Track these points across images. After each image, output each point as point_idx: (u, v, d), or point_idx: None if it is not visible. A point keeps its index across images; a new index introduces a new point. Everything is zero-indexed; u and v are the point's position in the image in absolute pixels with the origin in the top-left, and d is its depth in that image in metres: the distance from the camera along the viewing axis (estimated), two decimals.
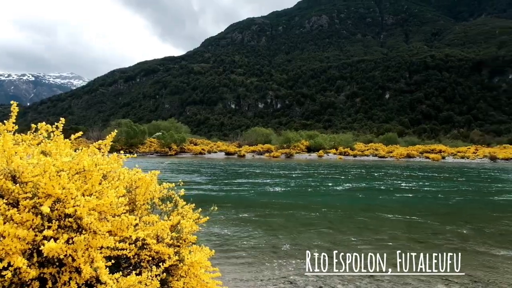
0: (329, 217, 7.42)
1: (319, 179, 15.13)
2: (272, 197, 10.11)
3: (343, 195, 10.89)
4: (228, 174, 17.43)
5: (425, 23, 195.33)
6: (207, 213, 2.76)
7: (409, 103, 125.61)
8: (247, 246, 5.16)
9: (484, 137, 73.71)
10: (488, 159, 42.99)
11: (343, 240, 5.65)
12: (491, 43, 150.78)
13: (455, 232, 6.36)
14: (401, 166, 28.28)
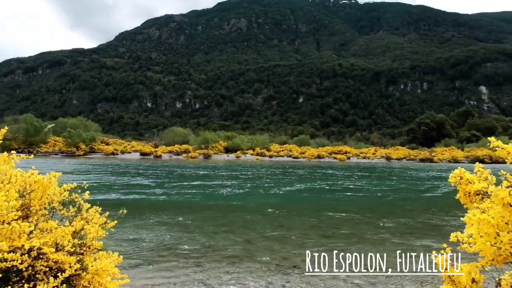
0: (244, 218, 7.49)
1: (238, 179, 15.74)
2: (188, 198, 10.24)
3: (257, 195, 11.41)
4: (142, 176, 16.90)
5: (334, 34, 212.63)
6: (116, 217, 2.57)
7: (320, 107, 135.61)
8: (161, 249, 5.04)
9: (382, 139, 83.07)
10: (384, 159, 48.65)
11: (257, 238, 5.84)
12: (386, 56, 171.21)
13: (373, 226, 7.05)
14: (313, 166, 30.37)
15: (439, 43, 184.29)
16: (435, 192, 13.03)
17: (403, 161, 47.90)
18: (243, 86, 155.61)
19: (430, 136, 66.05)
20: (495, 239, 1.37)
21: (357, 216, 8.01)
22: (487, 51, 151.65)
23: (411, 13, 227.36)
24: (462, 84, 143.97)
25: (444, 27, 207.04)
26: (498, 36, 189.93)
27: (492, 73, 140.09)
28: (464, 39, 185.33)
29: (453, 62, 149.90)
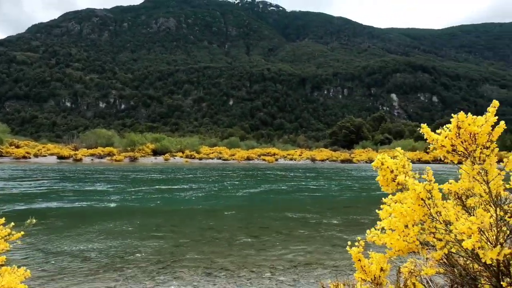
0: (173, 222, 7.31)
1: (168, 183, 15.55)
2: (111, 203, 9.80)
3: (186, 199, 11.34)
4: (60, 181, 15.66)
5: (263, 39, 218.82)
6: (23, 227, 2.29)
7: (250, 110, 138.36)
8: (81, 259, 4.66)
9: (307, 142, 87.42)
10: (310, 160, 51.34)
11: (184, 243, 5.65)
12: (312, 63, 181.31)
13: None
14: (243, 168, 30.89)
15: (358, 53, 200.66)
16: (357, 190, 14.22)
17: (326, 162, 51.07)
18: (172, 87, 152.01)
19: (350, 139, 71.33)
20: (403, 232, 1.54)
21: (286, 214, 8.07)
22: (397, 62, 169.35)
23: (333, 24, 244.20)
24: (377, 92, 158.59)
25: (361, 39, 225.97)
26: (405, 50, 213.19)
27: (401, 82, 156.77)
28: (378, 51, 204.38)
29: (369, 71, 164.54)
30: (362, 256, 1.70)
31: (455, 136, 1.57)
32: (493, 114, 1.54)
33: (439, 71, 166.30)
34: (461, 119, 1.55)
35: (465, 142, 1.56)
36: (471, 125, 1.53)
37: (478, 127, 1.53)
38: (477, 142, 1.54)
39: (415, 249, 1.58)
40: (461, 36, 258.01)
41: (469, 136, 1.55)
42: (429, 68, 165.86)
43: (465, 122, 1.55)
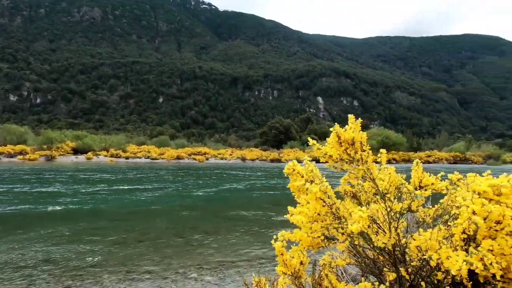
0: (95, 226, 6.83)
1: (89, 183, 14.83)
2: (20, 207, 9.14)
3: (109, 200, 10.87)
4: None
5: (195, 37, 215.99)
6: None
7: (180, 108, 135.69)
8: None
9: (238, 141, 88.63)
10: (240, 160, 52.26)
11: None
12: (243, 63, 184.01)
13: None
14: (172, 167, 30.40)
15: (287, 56, 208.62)
16: (286, 188, 14.90)
17: (256, 161, 52.52)
18: (97, 81, 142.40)
19: (279, 139, 74.05)
20: (310, 229, 1.65)
21: (216, 214, 8.11)
22: (323, 67, 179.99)
23: (265, 26, 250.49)
24: (305, 94, 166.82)
25: (291, 42, 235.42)
26: (330, 56, 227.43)
27: (326, 86, 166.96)
28: (306, 55, 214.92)
29: (298, 74, 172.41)
30: (285, 250, 1.79)
31: (338, 145, 1.75)
32: (353, 122, 1.75)
33: (360, 77, 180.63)
34: (338, 130, 1.75)
35: (347, 149, 1.74)
36: (348, 133, 1.73)
37: (353, 134, 1.73)
38: (355, 147, 1.74)
39: (322, 244, 1.71)
40: (378, 47, 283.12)
41: (348, 143, 1.73)
42: (351, 74, 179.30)
43: (344, 132, 1.73)
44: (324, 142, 1.81)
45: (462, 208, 1.36)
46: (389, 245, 1.56)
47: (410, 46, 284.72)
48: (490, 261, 1.25)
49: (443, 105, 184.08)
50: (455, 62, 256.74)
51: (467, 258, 1.29)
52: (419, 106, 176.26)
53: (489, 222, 1.31)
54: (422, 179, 1.77)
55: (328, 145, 1.78)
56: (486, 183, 1.39)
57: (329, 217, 1.66)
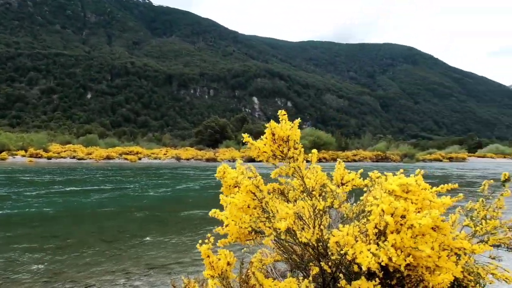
0: (5, 234, 6.18)
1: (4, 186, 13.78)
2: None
3: (29, 204, 9.50)
4: None
5: (127, 30, 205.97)
6: None
7: (111, 106, 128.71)
8: None
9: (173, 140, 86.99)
10: (175, 159, 51.59)
11: None
12: (179, 60, 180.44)
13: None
14: (101, 168, 29.08)
15: (223, 55, 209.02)
16: (220, 187, 14.57)
17: (191, 161, 52.26)
18: (13, 73, 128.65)
19: (215, 138, 74.34)
20: (240, 220, 1.68)
21: (145, 215, 7.79)
22: (258, 68, 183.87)
23: (201, 24, 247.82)
24: (240, 94, 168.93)
25: (227, 42, 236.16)
26: (266, 57, 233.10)
27: (261, 87, 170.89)
28: (241, 55, 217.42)
29: (234, 74, 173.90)
30: (211, 252, 1.78)
31: (272, 142, 1.79)
32: (286, 119, 1.82)
33: (293, 79, 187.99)
34: (273, 126, 1.78)
35: (280, 146, 1.79)
36: (283, 131, 1.77)
37: (288, 131, 1.77)
38: (289, 144, 1.79)
39: (250, 236, 1.74)
40: (310, 51, 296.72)
41: (282, 140, 1.78)
42: (285, 76, 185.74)
43: (278, 129, 1.77)
44: (258, 141, 1.92)
45: (373, 206, 1.50)
46: (313, 240, 1.66)
47: (339, 51, 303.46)
48: (391, 255, 1.37)
49: (367, 107, 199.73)
50: (378, 68, 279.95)
51: (376, 252, 1.41)
52: (347, 108, 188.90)
53: (396, 217, 1.45)
54: (344, 176, 1.94)
55: (262, 141, 1.83)
56: (396, 182, 1.54)
57: (258, 211, 1.73)
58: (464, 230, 2.06)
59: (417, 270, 1.57)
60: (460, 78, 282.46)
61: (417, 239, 1.44)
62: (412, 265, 1.54)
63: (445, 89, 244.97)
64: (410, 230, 1.42)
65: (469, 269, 2.09)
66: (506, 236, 2.21)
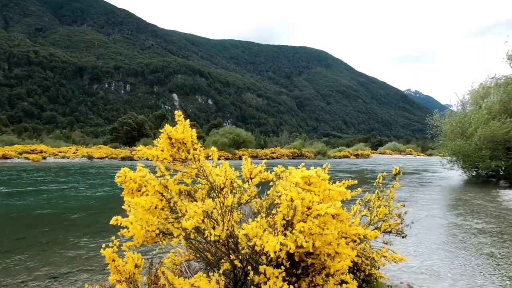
0: None
1: None
2: None
3: None
4: None
5: (29, 15, 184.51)
6: None
7: (9, 99, 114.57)
8: None
9: (84, 138, 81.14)
10: (86, 158, 48.54)
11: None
12: (91, 52, 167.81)
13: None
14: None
15: (141, 49, 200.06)
16: None
17: (105, 160, 49.67)
18: None
19: (131, 136, 71.35)
20: (147, 223, 1.60)
21: (49, 220, 7.04)
22: (178, 64, 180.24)
23: (116, 15, 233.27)
24: (159, 90, 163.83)
25: (145, 36, 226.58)
26: (186, 53, 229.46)
27: (181, 83, 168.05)
28: (161, 50, 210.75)
29: (152, 69, 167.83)
30: (116, 256, 1.70)
31: (170, 146, 1.72)
32: (183, 121, 1.75)
33: (214, 77, 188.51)
34: (169, 131, 1.69)
35: (179, 149, 1.73)
36: (179, 133, 1.70)
37: (184, 134, 1.71)
38: (188, 146, 1.74)
39: (157, 239, 1.68)
40: (230, 49, 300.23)
41: (180, 143, 1.72)
42: (205, 73, 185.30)
43: (174, 133, 1.69)
44: None
45: (283, 196, 1.55)
46: (223, 236, 1.66)
47: (259, 51, 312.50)
48: (301, 241, 1.43)
49: (285, 107, 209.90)
50: (294, 70, 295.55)
51: (284, 240, 1.45)
52: (265, 107, 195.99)
53: (302, 208, 1.50)
54: (252, 171, 1.98)
55: (159, 147, 1.75)
56: (299, 175, 1.59)
57: (166, 211, 1.68)
58: (363, 219, 2.49)
59: (319, 258, 1.71)
60: (365, 82, 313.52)
61: (323, 226, 1.55)
62: (315, 254, 1.70)
63: (353, 92, 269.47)
64: (316, 219, 1.51)
65: (366, 254, 2.42)
66: (395, 223, 2.58)
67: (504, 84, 14.29)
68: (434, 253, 4.38)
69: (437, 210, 7.73)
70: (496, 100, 13.87)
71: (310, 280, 1.76)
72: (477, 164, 14.30)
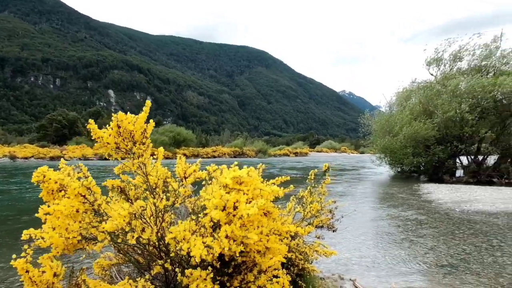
0: None
1: None
2: None
3: None
4: None
5: None
6: None
7: None
8: None
9: (6, 136, 74.33)
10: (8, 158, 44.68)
11: None
12: (14, 42, 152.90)
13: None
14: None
15: (73, 41, 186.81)
16: None
17: (31, 160, 46.24)
18: None
19: (62, 134, 66.93)
20: (66, 230, 1.50)
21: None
22: (114, 58, 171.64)
23: (44, 3, 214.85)
24: (94, 86, 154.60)
25: (78, 27, 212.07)
26: (123, 48, 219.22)
27: (118, 79, 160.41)
28: (95, 43, 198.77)
29: (86, 63, 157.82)
30: (31, 266, 1.54)
31: (117, 134, 1.66)
32: (146, 114, 1.71)
33: (153, 74, 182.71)
34: (120, 119, 1.64)
35: (125, 139, 1.67)
36: (130, 124, 1.65)
37: (134, 126, 1.66)
38: (135, 139, 1.68)
39: (80, 245, 1.58)
40: (171, 46, 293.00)
41: (129, 134, 1.66)
42: (144, 69, 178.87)
43: (125, 121, 1.64)
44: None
45: (205, 201, 1.56)
46: (154, 239, 1.62)
47: (200, 49, 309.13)
48: (224, 245, 1.43)
49: (226, 106, 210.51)
50: (236, 69, 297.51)
51: (211, 243, 1.45)
52: (207, 106, 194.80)
53: (229, 209, 1.49)
54: (186, 170, 1.94)
55: (107, 131, 1.70)
56: (230, 175, 1.57)
57: (90, 215, 1.59)
58: (298, 216, 2.52)
59: (250, 255, 1.70)
60: (304, 82, 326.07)
61: (248, 227, 1.53)
62: (245, 251, 1.66)
63: (292, 92, 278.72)
64: (240, 220, 1.48)
65: (300, 249, 2.46)
66: (326, 218, 2.63)
67: (423, 88, 15.80)
68: (364, 245, 4.66)
69: (367, 203, 8.29)
70: (417, 103, 15.28)
71: (242, 278, 1.78)
72: (401, 160, 15.54)
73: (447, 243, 4.71)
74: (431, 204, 8.05)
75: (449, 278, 3.41)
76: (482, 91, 12.90)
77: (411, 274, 3.54)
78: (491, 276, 3.46)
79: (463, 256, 4.14)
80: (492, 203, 7.90)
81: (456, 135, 14.06)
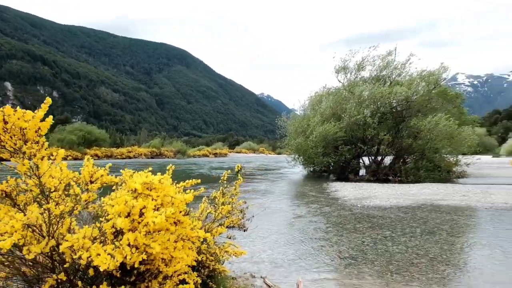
0: None
1: None
2: None
3: None
4: None
5: None
6: None
7: None
8: None
9: None
10: None
11: None
12: None
13: None
14: None
15: None
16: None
17: None
18: None
19: None
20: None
21: None
22: (13, 47, 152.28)
23: None
24: None
25: None
26: (24, 36, 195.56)
27: (17, 71, 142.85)
28: None
29: None
30: None
31: (3, 131, 1.47)
32: (44, 111, 1.55)
33: (61, 67, 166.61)
34: (8, 113, 1.46)
35: (14, 137, 1.49)
36: (20, 121, 1.47)
37: (26, 122, 1.49)
38: (27, 137, 1.51)
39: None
40: (81, 37, 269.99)
41: (19, 131, 1.49)
42: (50, 61, 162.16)
43: (14, 117, 1.47)
44: None
45: (107, 207, 1.49)
46: (46, 250, 1.47)
47: (115, 43, 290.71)
48: (126, 254, 1.36)
49: (144, 104, 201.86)
50: (155, 66, 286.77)
51: (112, 252, 1.37)
52: (122, 104, 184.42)
53: (134, 216, 1.44)
54: (93, 174, 1.82)
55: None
56: (139, 181, 1.53)
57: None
58: (209, 217, 2.51)
59: (154, 264, 1.64)
60: (224, 84, 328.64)
61: (153, 236, 1.47)
62: (149, 260, 1.61)
63: (212, 93, 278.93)
64: (145, 228, 1.43)
65: (211, 250, 2.46)
66: (237, 218, 2.63)
67: (333, 94, 17.24)
68: (275, 242, 4.85)
69: (283, 201, 8.78)
70: (327, 106, 16.49)
71: (146, 286, 1.71)
72: (313, 160, 16.54)
73: (349, 236, 5.14)
74: (338, 201, 8.72)
75: (349, 269, 3.77)
76: (382, 98, 14.70)
77: (317, 267, 3.82)
78: (383, 264, 3.92)
79: (361, 247, 4.57)
80: (387, 198, 8.88)
81: (360, 137, 15.49)
